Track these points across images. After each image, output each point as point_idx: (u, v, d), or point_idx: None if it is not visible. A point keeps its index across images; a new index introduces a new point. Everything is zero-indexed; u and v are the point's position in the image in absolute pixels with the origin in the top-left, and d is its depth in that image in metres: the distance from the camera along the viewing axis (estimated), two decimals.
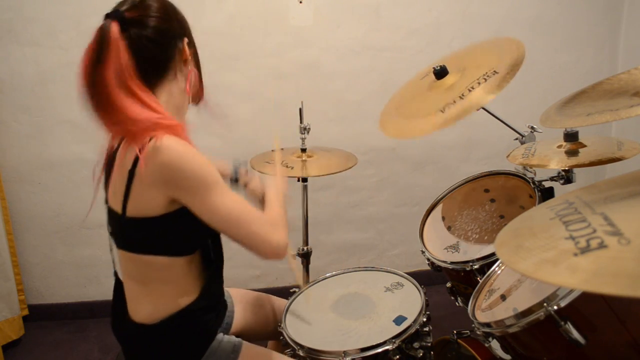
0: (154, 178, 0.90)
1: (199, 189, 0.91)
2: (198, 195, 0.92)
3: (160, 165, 0.89)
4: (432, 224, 1.65)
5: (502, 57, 1.35)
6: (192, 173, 0.90)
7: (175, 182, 0.90)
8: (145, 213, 0.93)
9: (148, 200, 0.92)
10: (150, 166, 0.89)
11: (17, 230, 2.31)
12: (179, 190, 0.91)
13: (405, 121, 1.48)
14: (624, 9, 2.55)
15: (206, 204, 0.92)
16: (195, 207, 0.93)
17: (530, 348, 0.99)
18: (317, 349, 1.16)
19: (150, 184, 0.90)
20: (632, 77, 0.97)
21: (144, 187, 0.91)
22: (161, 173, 0.89)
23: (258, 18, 2.28)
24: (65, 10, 2.13)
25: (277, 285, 2.58)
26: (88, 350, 2.19)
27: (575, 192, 0.76)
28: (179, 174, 0.89)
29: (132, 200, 0.93)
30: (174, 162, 0.89)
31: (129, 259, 1.01)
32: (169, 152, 0.88)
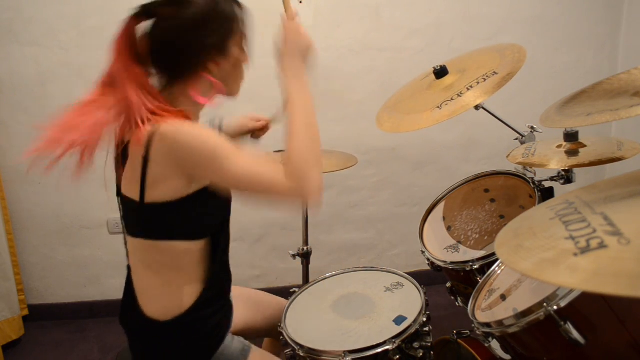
0: (168, 162, 0.91)
1: (212, 161, 0.91)
2: (213, 168, 0.91)
3: (170, 147, 0.90)
4: (432, 224, 1.65)
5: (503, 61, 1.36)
6: (199, 148, 0.90)
7: (187, 160, 0.91)
8: (165, 198, 0.94)
9: (167, 185, 0.93)
10: (162, 150, 0.90)
11: (17, 230, 2.31)
12: (193, 168, 0.92)
13: (401, 116, 1.48)
14: (624, 9, 2.55)
15: (224, 174, 0.91)
16: (215, 180, 0.94)
17: (530, 348, 0.99)
18: (317, 349, 1.16)
19: (165, 168, 0.92)
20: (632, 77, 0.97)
21: (159, 172, 0.92)
22: (173, 156, 0.91)
23: (258, 18, 2.28)
24: (65, 10, 2.13)
25: (277, 285, 2.58)
26: (88, 350, 2.19)
27: (575, 192, 0.76)
28: (189, 151, 0.90)
29: (150, 186, 0.94)
30: (181, 141, 0.90)
31: (147, 247, 1.01)
32: (176, 134, 0.90)
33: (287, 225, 2.48)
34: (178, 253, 1.00)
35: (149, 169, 0.92)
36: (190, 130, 0.91)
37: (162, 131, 0.90)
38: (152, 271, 1.03)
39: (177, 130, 0.90)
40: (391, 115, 1.53)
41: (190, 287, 1.04)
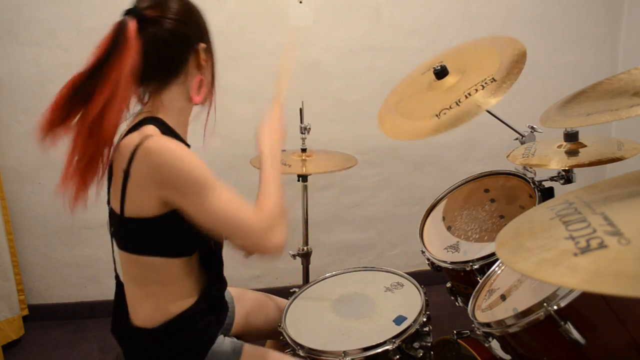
0: (147, 179, 0.89)
1: (191, 190, 0.89)
2: (190, 197, 0.90)
3: (153, 166, 0.88)
4: (432, 224, 1.65)
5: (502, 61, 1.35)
6: (184, 174, 0.88)
7: (167, 183, 0.89)
8: (141, 213, 0.93)
9: (142, 201, 0.92)
10: (143, 167, 0.88)
11: (17, 230, 2.31)
12: (170, 191, 0.90)
13: (402, 121, 1.48)
14: (624, 9, 2.55)
15: (198, 206, 0.90)
16: (187, 209, 0.91)
17: (530, 348, 0.99)
18: (317, 349, 1.16)
19: (143, 184, 0.90)
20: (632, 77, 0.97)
21: (137, 187, 0.91)
22: (153, 174, 0.88)
23: (258, 18, 2.28)
24: (65, 10, 2.13)
25: (277, 285, 2.58)
26: (88, 350, 2.19)
27: (575, 192, 0.76)
28: (171, 174, 0.88)
29: (128, 200, 0.92)
30: (166, 163, 0.87)
31: (129, 260, 1.01)
32: (161, 152, 0.88)
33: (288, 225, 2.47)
34: (157, 268, 0.98)
35: (129, 182, 0.91)
36: (178, 151, 0.89)
37: (147, 146, 0.88)
38: (136, 283, 1.03)
39: (163, 148, 0.88)
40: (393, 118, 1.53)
41: (178, 298, 1.03)
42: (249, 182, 2.36)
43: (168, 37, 0.95)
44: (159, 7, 0.94)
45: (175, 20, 0.95)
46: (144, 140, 0.88)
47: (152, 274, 1.00)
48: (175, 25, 0.95)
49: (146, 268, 0.99)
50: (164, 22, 0.94)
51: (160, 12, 0.94)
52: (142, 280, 1.02)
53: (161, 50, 0.95)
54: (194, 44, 1.00)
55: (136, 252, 0.98)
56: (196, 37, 1.00)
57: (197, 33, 1.01)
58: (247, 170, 1.79)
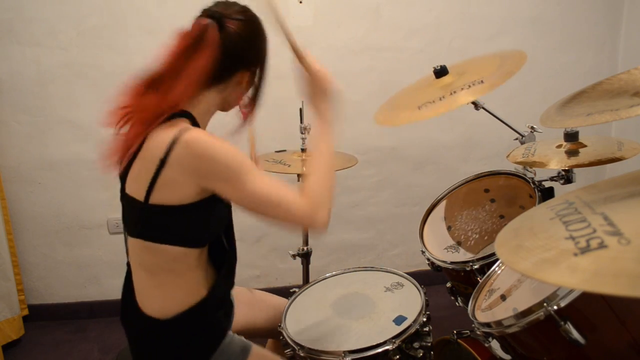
0: (189, 169, 0.93)
1: (233, 176, 0.94)
2: (232, 183, 0.94)
3: (196, 156, 0.92)
4: (432, 224, 1.65)
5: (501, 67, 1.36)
6: (224, 162, 0.93)
7: (209, 173, 0.93)
8: (171, 201, 0.95)
9: (178, 189, 0.95)
10: (185, 157, 0.92)
11: (17, 230, 2.31)
12: (213, 181, 0.94)
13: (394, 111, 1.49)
14: (624, 9, 2.55)
15: (240, 191, 0.94)
16: (230, 195, 0.96)
17: (530, 348, 0.99)
18: (317, 349, 1.16)
19: (182, 173, 0.93)
20: (632, 77, 0.97)
21: (174, 176, 0.93)
22: (196, 164, 0.92)
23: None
24: (65, 10, 2.13)
25: (277, 285, 2.58)
26: (88, 350, 2.19)
27: (575, 192, 0.76)
28: (213, 164, 0.93)
29: (159, 188, 0.94)
30: (207, 153, 0.92)
31: (143, 248, 1.02)
32: (202, 143, 0.92)
33: None
34: (172, 257, 1.00)
35: (163, 171, 0.93)
36: (217, 143, 0.94)
37: (189, 138, 0.92)
38: (147, 272, 1.04)
39: (204, 140, 0.93)
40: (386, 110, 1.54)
41: (188, 290, 1.04)
42: None
43: (231, 50, 1.01)
44: (239, 23, 1.01)
45: (244, 39, 1.02)
46: (183, 132, 0.93)
47: (166, 263, 1.01)
48: (241, 44, 1.02)
49: (161, 256, 1.00)
50: (235, 37, 1.01)
51: (237, 27, 1.01)
52: (154, 269, 1.02)
53: (220, 58, 1.00)
54: (246, 65, 1.06)
55: (152, 239, 0.99)
56: (251, 60, 1.07)
57: (255, 57, 1.08)
58: None
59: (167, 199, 0.95)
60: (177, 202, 0.96)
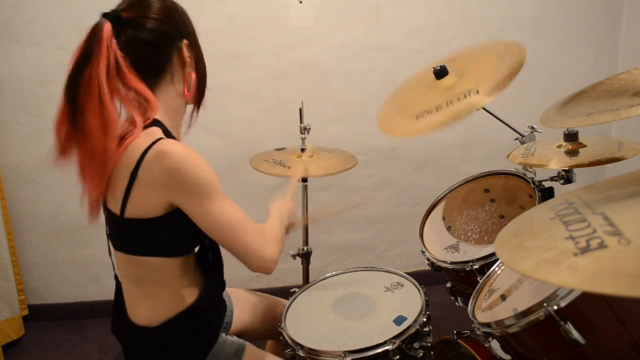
0: (157, 182, 0.90)
1: (199, 195, 0.92)
2: (197, 201, 0.92)
3: (165, 169, 0.89)
4: (432, 224, 1.65)
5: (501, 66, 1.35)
6: (194, 179, 0.90)
7: (176, 187, 0.91)
8: (144, 214, 0.94)
9: (148, 202, 0.93)
10: (154, 169, 0.89)
11: (17, 230, 2.31)
12: (179, 195, 0.92)
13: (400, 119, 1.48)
14: (624, 9, 2.55)
15: (203, 211, 0.93)
16: (192, 212, 0.93)
17: (530, 348, 0.99)
18: (317, 349, 1.15)
19: (152, 186, 0.91)
20: (632, 77, 0.97)
21: (145, 189, 0.91)
22: (165, 177, 0.89)
23: (258, 18, 2.28)
24: (65, 10, 2.13)
25: (277, 285, 2.58)
26: (88, 350, 2.19)
27: (575, 192, 0.76)
28: (182, 179, 0.90)
29: (131, 202, 0.93)
30: (179, 167, 0.89)
31: (126, 261, 1.02)
32: (174, 156, 0.89)
33: None
34: (155, 268, 0.99)
35: (135, 183, 0.91)
36: (189, 156, 0.90)
37: (159, 149, 0.89)
38: (134, 283, 1.03)
39: (175, 151, 0.89)
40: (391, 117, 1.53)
41: (176, 298, 1.03)
42: (249, 182, 2.37)
43: (147, 37, 0.94)
44: (136, 8, 0.94)
45: (152, 19, 0.95)
46: (155, 143, 0.89)
47: (149, 274, 1.00)
48: (153, 25, 0.94)
49: (144, 268, 1.00)
50: (141, 22, 0.94)
51: (136, 12, 0.94)
52: (139, 280, 1.02)
53: (142, 51, 0.94)
54: (176, 42, 0.99)
55: (134, 252, 0.99)
56: (177, 34, 0.99)
57: (177, 30, 0.99)
58: (246, 170, 1.79)
59: (140, 212, 0.93)
60: (150, 215, 0.93)
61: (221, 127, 2.34)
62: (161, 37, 0.96)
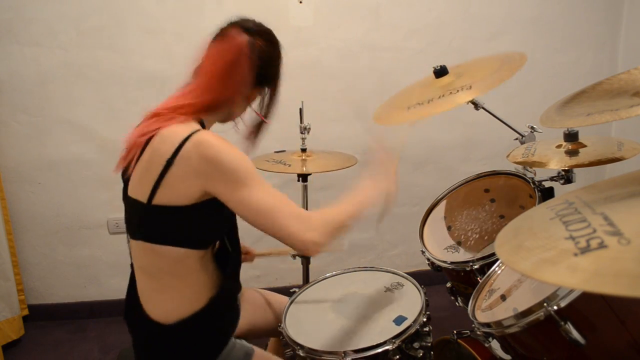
0: (195, 170, 0.93)
1: (234, 181, 0.94)
2: (232, 187, 0.94)
3: (203, 157, 0.92)
4: (432, 224, 1.65)
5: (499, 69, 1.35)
6: (230, 167, 0.93)
7: (213, 174, 0.93)
8: (175, 201, 0.95)
9: (182, 189, 0.95)
10: (193, 158, 0.93)
11: (17, 230, 2.31)
12: (216, 182, 0.94)
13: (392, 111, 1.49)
14: (624, 9, 2.55)
15: (239, 196, 0.95)
16: (228, 199, 0.96)
17: (530, 348, 0.99)
18: (317, 349, 1.15)
19: (188, 174, 0.94)
20: (632, 77, 0.97)
21: (180, 176, 0.94)
22: (203, 165, 0.93)
23: (258, 18, 2.28)
24: (65, 10, 2.13)
25: (277, 285, 2.58)
26: (88, 350, 2.19)
27: (575, 192, 0.76)
28: (219, 167, 0.93)
29: (163, 188, 0.95)
30: (215, 156, 0.93)
31: (145, 250, 1.02)
32: (212, 145, 0.93)
33: None
34: (174, 259, 1.00)
35: (170, 170, 0.93)
36: (227, 147, 0.95)
37: (200, 138, 0.93)
38: (150, 276, 1.04)
39: (213, 141, 0.94)
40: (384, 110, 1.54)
41: (193, 294, 1.04)
42: None
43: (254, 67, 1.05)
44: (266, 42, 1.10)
45: (266, 59, 1.08)
46: (195, 132, 0.94)
47: (168, 265, 1.01)
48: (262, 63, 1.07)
49: (162, 259, 1.00)
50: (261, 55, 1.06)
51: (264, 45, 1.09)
52: (156, 272, 1.02)
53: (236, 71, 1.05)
54: (262, 84, 1.12)
55: (155, 241, 0.99)
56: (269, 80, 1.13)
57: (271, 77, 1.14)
58: None
59: (171, 199, 0.95)
60: (180, 203, 0.95)
61: (221, 127, 2.34)
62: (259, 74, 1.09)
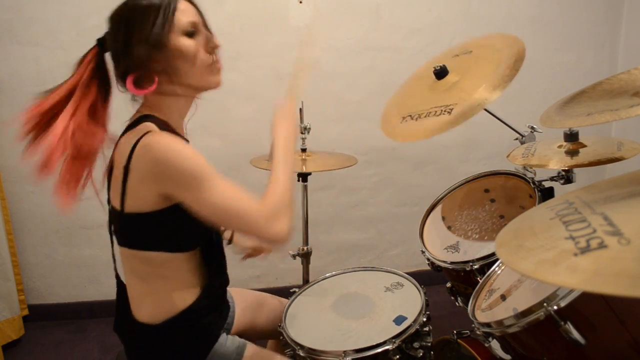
0: (147, 174, 0.90)
1: (190, 183, 0.90)
2: (190, 190, 0.90)
3: (152, 161, 0.89)
4: (432, 224, 1.65)
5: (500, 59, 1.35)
6: (182, 168, 0.89)
7: (166, 178, 0.90)
8: (141, 208, 0.94)
9: (142, 196, 0.93)
10: (143, 162, 0.90)
11: (17, 230, 2.31)
12: (170, 186, 0.91)
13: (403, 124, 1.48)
14: (624, 9, 2.55)
15: (198, 199, 0.90)
16: (188, 202, 0.92)
17: (530, 348, 0.99)
18: (317, 349, 1.16)
19: (143, 179, 0.91)
20: (632, 77, 0.97)
21: (137, 182, 0.92)
22: (152, 169, 0.89)
23: (258, 18, 2.28)
24: (65, 10, 2.13)
25: (277, 285, 2.58)
26: (88, 350, 2.19)
27: (575, 192, 0.76)
28: (170, 169, 0.89)
29: (128, 196, 0.94)
30: (165, 157, 0.88)
31: (130, 256, 1.02)
32: (159, 147, 0.89)
33: None
34: (159, 263, 1.00)
35: (129, 178, 0.92)
36: (175, 146, 0.90)
37: (146, 142, 0.89)
38: (139, 279, 1.03)
39: (160, 143, 0.89)
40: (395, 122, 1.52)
41: (181, 294, 1.03)
42: (249, 182, 2.36)
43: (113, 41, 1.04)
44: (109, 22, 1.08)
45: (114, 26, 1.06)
46: (144, 136, 0.91)
47: (154, 269, 1.00)
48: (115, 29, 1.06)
49: (148, 264, 1.00)
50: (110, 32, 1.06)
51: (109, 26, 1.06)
52: (144, 276, 1.02)
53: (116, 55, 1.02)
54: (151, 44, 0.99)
55: (137, 247, 0.99)
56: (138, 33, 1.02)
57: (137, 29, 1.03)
58: (247, 170, 1.79)
59: (137, 206, 0.94)
60: (148, 209, 0.93)
61: (221, 127, 2.34)
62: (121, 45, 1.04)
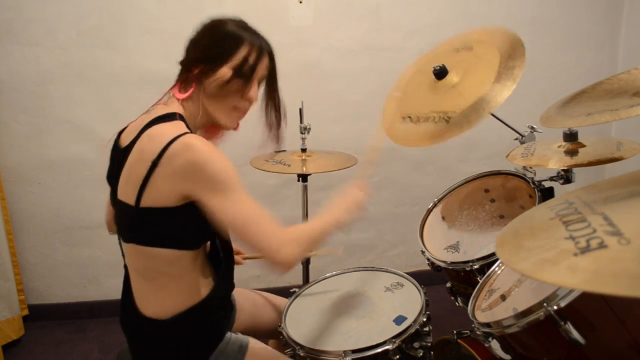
0: (178, 171, 0.92)
1: (219, 190, 0.93)
2: (217, 197, 0.93)
3: (188, 160, 0.91)
4: (432, 224, 1.65)
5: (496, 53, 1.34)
6: (216, 175, 0.93)
7: (197, 180, 0.92)
8: (161, 203, 0.95)
9: (162, 191, 0.94)
10: (179, 160, 0.91)
11: (17, 230, 2.31)
12: (198, 189, 0.93)
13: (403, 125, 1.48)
14: (624, 9, 2.55)
15: (218, 205, 0.94)
16: (207, 206, 0.94)
17: (530, 348, 0.99)
18: (317, 349, 1.16)
19: (172, 176, 0.93)
20: (632, 77, 0.97)
21: (163, 178, 0.93)
22: (187, 168, 0.92)
23: (258, 18, 2.27)
24: (65, 10, 2.13)
25: (277, 285, 2.58)
26: (88, 350, 2.19)
27: (575, 192, 0.76)
28: (206, 173, 0.92)
29: (149, 190, 0.94)
30: (203, 160, 0.92)
31: (137, 253, 1.02)
32: (201, 150, 0.92)
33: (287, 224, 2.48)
34: (167, 260, 1.00)
35: (155, 173, 0.93)
36: (216, 153, 0.94)
37: (189, 142, 0.92)
38: (144, 277, 1.04)
39: (203, 147, 0.92)
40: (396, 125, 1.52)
41: (186, 293, 1.04)
42: (249, 182, 2.37)
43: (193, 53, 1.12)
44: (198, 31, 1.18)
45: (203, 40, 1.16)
46: (182, 134, 0.93)
47: (160, 266, 1.01)
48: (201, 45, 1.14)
49: (154, 260, 1.00)
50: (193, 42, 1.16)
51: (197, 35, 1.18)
52: (149, 273, 1.02)
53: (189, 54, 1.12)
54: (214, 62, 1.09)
55: (145, 243, 0.99)
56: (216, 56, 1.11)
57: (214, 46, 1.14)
58: (247, 171, 1.79)
59: (156, 201, 0.95)
60: (166, 204, 0.95)
61: None
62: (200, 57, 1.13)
